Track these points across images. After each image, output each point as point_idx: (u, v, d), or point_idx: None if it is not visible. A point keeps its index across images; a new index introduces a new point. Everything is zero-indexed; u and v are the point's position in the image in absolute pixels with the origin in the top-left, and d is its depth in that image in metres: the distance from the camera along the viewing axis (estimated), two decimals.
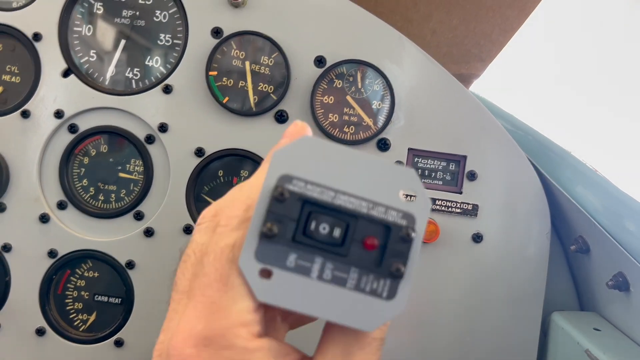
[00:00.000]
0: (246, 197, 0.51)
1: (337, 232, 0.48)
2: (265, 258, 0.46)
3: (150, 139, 1.20)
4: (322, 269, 0.47)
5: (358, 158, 0.50)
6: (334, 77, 1.18)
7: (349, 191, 0.48)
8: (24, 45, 1.19)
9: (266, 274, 0.46)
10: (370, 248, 0.48)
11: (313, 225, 0.48)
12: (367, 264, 0.47)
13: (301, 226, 0.48)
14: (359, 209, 0.48)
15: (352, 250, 0.48)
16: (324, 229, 0.48)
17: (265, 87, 1.19)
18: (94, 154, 1.22)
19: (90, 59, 1.21)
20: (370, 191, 0.49)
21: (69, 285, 1.23)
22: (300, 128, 0.60)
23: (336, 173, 0.49)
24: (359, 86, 1.19)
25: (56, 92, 1.19)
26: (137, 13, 1.20)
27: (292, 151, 0.49)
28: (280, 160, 0.48)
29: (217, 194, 1.22)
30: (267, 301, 0.46)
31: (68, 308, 1.23)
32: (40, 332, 1.20)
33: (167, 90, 1.18)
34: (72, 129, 1.20)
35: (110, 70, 1.21)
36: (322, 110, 1.18)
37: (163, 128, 1.18)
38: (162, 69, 1.21)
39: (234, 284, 0.47)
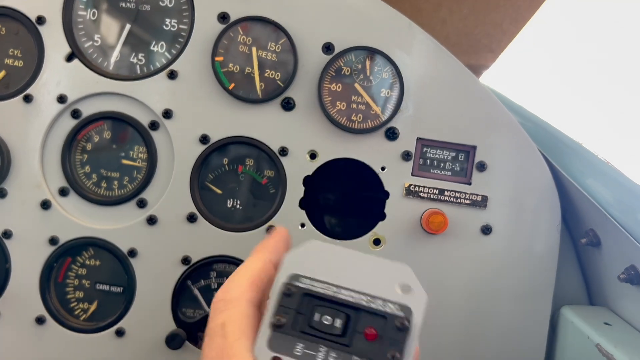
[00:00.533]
0: (230, 281, 0.59)
1: (338, 324, 0.55)
2: (276, 347, 0.53)
3: (154, 126, 1.18)
4: (326, 358, 0.53)
5: (358, 257, 0.59)
6: (342, 65, 1.16)
7: (350, 286, 0.56)
8: (28, 29, 1.17)
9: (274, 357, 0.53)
10: (370, 338, 0.53)
11: (317, 317, 0.55)
12: (368, 353, 0.52)
13: (307, 318, 0.55)
14: (359, 302, 0.55)
15: (354, 340, 0.53)
16: (327, 320, 0.55)
17: (272, 74, 1.17)
18: (97, 140, 1.20)
19: (95, 43, 1.19)
20: (370, 286, 0.56)
21: (69, 273, 1.21)
22: (282, 235, 0.70)
23: (339, 271, 0.57)
24: (368, 74, 1.17)
25: (59, 76, 1.17)
26: None
27: (301, 254, 0.59)
28: (290, 261, 0.58)
29: (222, 182, 1.20)
30: None
31: (69, 296, 1.21)
32: (40, 320, 1.18)
33: (172, 75, 1.16)
34: (75, 114, 1.18)
35: (115, 55, 1.19)
36: (330, 98, 1.16)
37: (167, 114, 1.16)
38: (167, 54, 1.19)
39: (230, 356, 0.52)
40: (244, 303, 0.57)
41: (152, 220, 1.17)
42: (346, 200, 1.43)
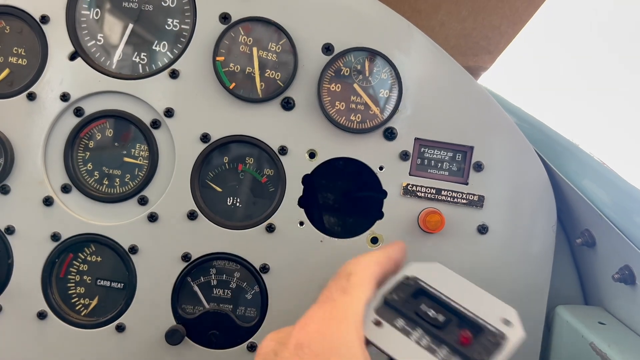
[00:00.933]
0: (362, 255, 0.73)
1: (440, 318, 0.64)
2: (381, 314, 0.65)
3: (155, 124, 1.19)
4: (420, 338, 0.62)
5: (472, 287, 0.68)
6: (342, 65, 1.18)
7: (458, 302, 0.65)
8: (32, 28, 1.19)
9: (378, 324, 0.64)
10: (464, 340, 0.61)
11: (424, 307, 0.65)
12: (458, 349, 0.59)
13: (415, 306, 0.65)
14: (464, 312, 0.64)
15: (449, 335, 0.61)
16: (431, 312, 0.64)
17: (272, 74, 1.18)
18: (99, 138, 1.21)
19: (98, 42, 1.20)
20: (476, 309, 0.64)
21: (71, 269, 1.23)
22: (402, 245, 0.81)
23: (452, 290, 0.67)
24: (367, 74, 1.18)
25: (62, 75, 1.18)
26: None
27: (424, 266, 0.71)
28: (413, 268, 0.71)
29: (222, 180, 1.22)
30: (370, 339, 0.62)
31: (70, 292, 1.23)
32: (41, 315, 1.20)
33: (174, 75, 1.18)
34: (78, 112, 1.19)
35: (117, 54, 1.21)
36: (329, 98, 1.18)
37: (169, 113, 1.18)
38: (169, 53, 1.20)
39: (351, 294, 0.65)
40: (371, 268, 0.69)
41: (153, 218, 1.19)
42: (344, 199, 1.44)
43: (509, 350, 0.60)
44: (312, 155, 1.19)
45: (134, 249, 1.19)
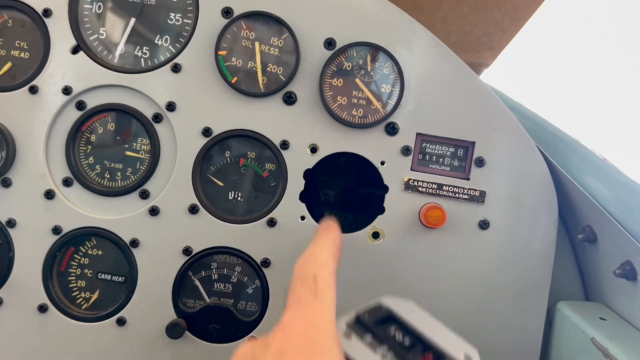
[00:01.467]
0: (317, 247, 0.75)
1: (406, 341, 0.67)
2: (351, 327, 0.68)
3: (157, 118, 1.19)
4: (385, 354, 0.65)
5: (439, 325, 0.72)
6: (344, 60, 1.18)
7: (425, 333, 0.69)
8: (34, 21, 1.19)
9: (347, 335, 0.67)
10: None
11: (392, 330, 0.69)
12: None
13: (384, 330, 0.68)
14: (429, 340, 0.68)
15: (413, 356, 0.65)
16: (398, 336, 0.68)
17: (274, 68, 1.18)
18: (101, 131, 1.22)
19: (100, 36, 1.20)
20: (441, 342, 0.68)
21: (72, 262, 1.22)
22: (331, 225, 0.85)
23: (420, 323, 0.70)
24: (369, 69, 1.18)
25: (65, 68, 1.19)
26: None
27: (397, 301, 0.74)
28: (386, 300, 0.74)
29: (224, 174, 1.22)
30: (346, 350, 0.64)
31: (71, 285, 1.23)
32: (42, 308, 1.20)
33: (176, 69, 1.18)
34: (80, 105, 1.19)
35: (119, 48, 1.21)
36: (331, 93, 1.18)
37: (171, 107, 1.18)
38: (171, 47, 1.20)
39: (323, 297, 0.67)
40: (330, 265, 0.71)
41: (154, 211, 1.19)
42: (346, 194, 1.44)
43: None
44: (313, 150, 1.19)
45: (135, 243, 1.19)
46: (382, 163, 1.19)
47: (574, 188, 1.17)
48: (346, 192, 1.46)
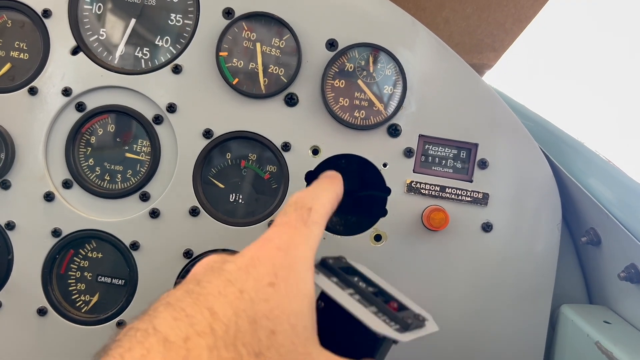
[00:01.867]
0: (319, 195, 0.72)
1: (369, 289, 0.68)
2: (318, 268, 0.68)
3: (158, 119, 1.18)
4: (352, 294, 0.65)
5: (397, 290, 0.72)
6: (346, 61, 1.17)
7: (386, 288, 0.71)
8: (33, 22, 1.18)
9: (315, 272, 0.66)
10: (391, 307, 0.66)
11: (356, 279, 0.69)
12: (386, 310, 0.64)
13: (348, 278, 0.67)
14: (391, 293, 0.70)
15: (378, 300, 0.64)
16: (362, 284, 0.68)
17: (275, 70, 1.17)
18: (101, 133, 1.21)
19: (100, 37, 1.20)
20: (402, 299, 0.70)
21: (72, 265, 1.22)
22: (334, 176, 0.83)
23: (382, 282, 0.72)
24: (371, 70, 1.17)
25: (64, 69, 1.18)
26: None
27: (356, 263, 0.74)
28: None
29: (225, 176, 1.21)
30: (317, 281, 0.64)
31: (70, 288, 1.22)
32: (41, 312, 1.19)
33: (177, 70, 1.17)
34: (80, 107, 1.18)
35: (120, 49, 1.20)
36: (333, 94, 1.17)
37: (171, 108, 1.17)
38: (171, 48, 1.19)
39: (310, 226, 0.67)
40: (327, 207, 0.71)
41: (154, 214, 1.18)
42: (348, 196, 1.43)
43: (427, 330, 0.66)
44: (315, 151, 1.18)
45: (135, 245, 1.18)
46: (385, 165, 1.18)
47: (577, 190, 1.16)
48: (348, 194, 1.45)
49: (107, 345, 0.53)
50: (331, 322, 0.63)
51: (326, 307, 0.65)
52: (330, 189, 0.75)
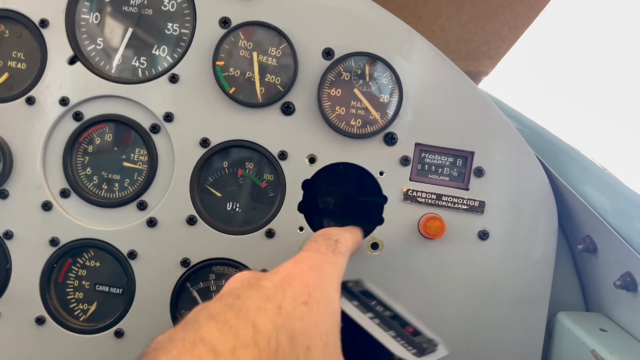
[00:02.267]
0: (345, 232, 0.86)
1: (387, 313, 0.73)
2: (342, 291, 0.72)
3: (155, 129, 1.19)
4: (373, 318, 0.70)
5: (409, 312, 0.77)
6: (342, 70, 1.17)
7: (399, 310, 0.77)
8: (31, 32, 1.18)
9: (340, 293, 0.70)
10: (408, 331, 0.70)
11: (373, 303, 0.74)
12: (404, 335, 0.69)
13: (368, 301, 0.74)
14: (406, 318, 0.74)
15: (395, 325, 0.70)
16: (380, 308, 0.74)
17: (272, 79, 1.18)
18: (98, 142, 1.21)
19: (97, 46, 1.20)
20: (415, 322, 0.75)
21: (70, 274, 1.22)
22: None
23: (397, 305, 0.77)
24: (367, 79, 1.18)
25: (62, 79, 1.18)
26: (145, 2, 1.20)
27: (371, 285, 0.79)
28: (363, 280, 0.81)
29: (222, 185, 1.21)
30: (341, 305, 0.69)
31: (69, 297, 1.22)
32: (40, 320, 1.19)
33: (174, 79, 1.17)
34: (77, 116, 1.19)
35: (117, 59, 1.20)
36: (329, 103, 1.17)
37: (168, 117, 1.18)
38: (168, 58, 1.20)
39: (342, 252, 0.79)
40: (351, 244, 0.81)
41: (152, 223, 1.18)
42: (345, 205, 1.44)
43: (438, 355, 0.70)
44: (312, 160, 1.18)
45: (133, 254, 1.19)
46: (381, 173, 1.18)
47: (573, 198, 1.17)
48: (345, 202, 1.45)
49: (147, 353, 0.55)
50: (351, 342, 0.65)
51: (346, 328, 0.67)
52: (353, 232, 0.84)
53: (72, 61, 1.18)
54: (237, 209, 1.22)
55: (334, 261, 0.71)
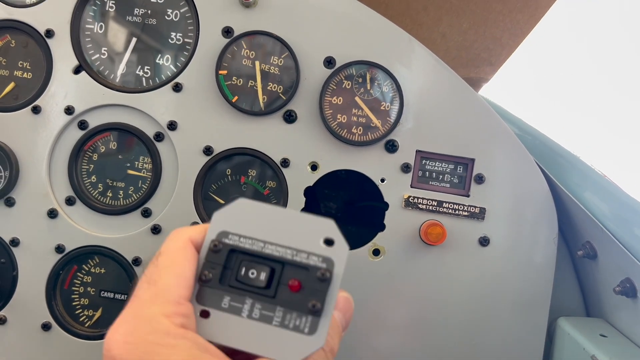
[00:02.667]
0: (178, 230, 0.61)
1: (262, 277, 0.56)
2: (204, 300, 0.56)
3: (159, 137, 1.20)
4: (251, 309, 0.55)
5: (285, 214, 0.59)
6: (343, 78, 1.19)
7: (276, 241, 0.57)
8: (37, 42, 1.20)
9: (205, 314, 0.55)
10: (293, 289, 0.55)
11: (243, 271, 0.57)
12: (291, 303, 0.55)
13: (234, 273, 0.57)
14: (284, 256, 0.57)
15: (279, 292, 0.56)
16: (252, 274, 0.56)
17: (274, 87, 1.19)
18: (103, 150, 1.23)
19: (102, 56, 1.22)
20: (295, 241, 0.57)
21: (75, 281, 1.23)
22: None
23: (266, 228, 0.58)
24: (368, 87, 1.19)
25: (67, 88, 1.20)
26: (149, 12, 1.21)
27: (230, 212, 0.59)
28: (219, 220, 0.59)
29: (225, 192, 1.23)
30: (207, 338, 0.53)
31: (74, 304, 1.24)
32: (46, 327, 1.20)
33: (177, 88, 1.19)
34: (82, 125, 1.20)
35: (121, 68, 1.22)
36: (331, 111, 1.19)
37: (172, 126, 1.19)
38: (172, 67, 1.21)
39: (157, 282, 0.54)
40: (182, 237, 0.58)
41: (156, 230, 1.20)
42: (346, 211, 1.45)
43: (338, 275, 0.56)
44: (314, 167, 1.20)
45: (137, 261, 1.20)
46: (382, 180, 1.20)
47: (573, 204, 1.18)
48: (346, 208, 1.46)
49: None
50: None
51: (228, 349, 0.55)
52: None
53: (77, 71, 1.20)
54: None
55: (152, 297, 0.53)
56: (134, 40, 1.22)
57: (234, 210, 0.60)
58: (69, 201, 1.21)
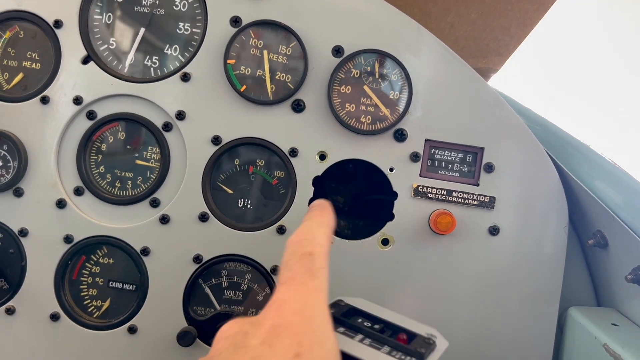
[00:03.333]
0: (311, 227, 0.74)
1: (376, 327, 0.72)
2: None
3: (167, 127, 1.20)
4: (362, 339, 0.68)
5: (394, 313, 0.75)
6: (352, 67, 1.18)
7: (387, 318, 0.74)
8: (45, 32, 1.20)
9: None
10: (401, 341, 0.69)
11: (358, 321, 0.72)
12: (397, 346, 0.67)
13: (349, 322, 0.71)
14: (397, 323, 0.73)
15: (387, 338, 0.68)
16: (366, 324, 0.72)
17: (282, 76, 1.19)
18: (111, 140, 1.23)
19: (110, 46, 1.22)
20: (406, 325, 0.73)
21: (84, 271, 1.23)
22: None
23: (380, 312, 0.75)
24: (377, 76, 1.18)
25: (75, 78, 1.20)
26: (157, 2, 1.21)
27: (349, 298, 0.77)
28: (344, 297, 0.77)
29: (233, 182, 1.23)
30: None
31: (82, 294, 1.24)
32: (54, 317, 1.20)
33: (185, 78, 1.19)
34: (91, 115, 1.20)
35: (129, 58, 1.22)
36: (339, 100, 1.18)
37: (180, 116, 1.19)
38: (180, 57, 1.21)
39: (317, 277, 0.66)
40: (326, 244, 0.70)
41: (164, 220, 1.19)
42: (355, 201, 1.44)
43: (439, 351, 0.68)
44: (322, 157, 1.19)
45: (145, 251, 1.20)
46: (391, 169, 1.19)
47: (584, 193, 1.17)
48: (355, 199, 1.46)
49: None
50: None
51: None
52: (323, 223, 0.76)
53: (85, 61, 1.20)
54: (249, 206, 1.23)
55: (316, 286, 0.62)
56: (142, 30, 1.21)
57: (354, 299, 0.78)
58: (78, 191, 1.21)
